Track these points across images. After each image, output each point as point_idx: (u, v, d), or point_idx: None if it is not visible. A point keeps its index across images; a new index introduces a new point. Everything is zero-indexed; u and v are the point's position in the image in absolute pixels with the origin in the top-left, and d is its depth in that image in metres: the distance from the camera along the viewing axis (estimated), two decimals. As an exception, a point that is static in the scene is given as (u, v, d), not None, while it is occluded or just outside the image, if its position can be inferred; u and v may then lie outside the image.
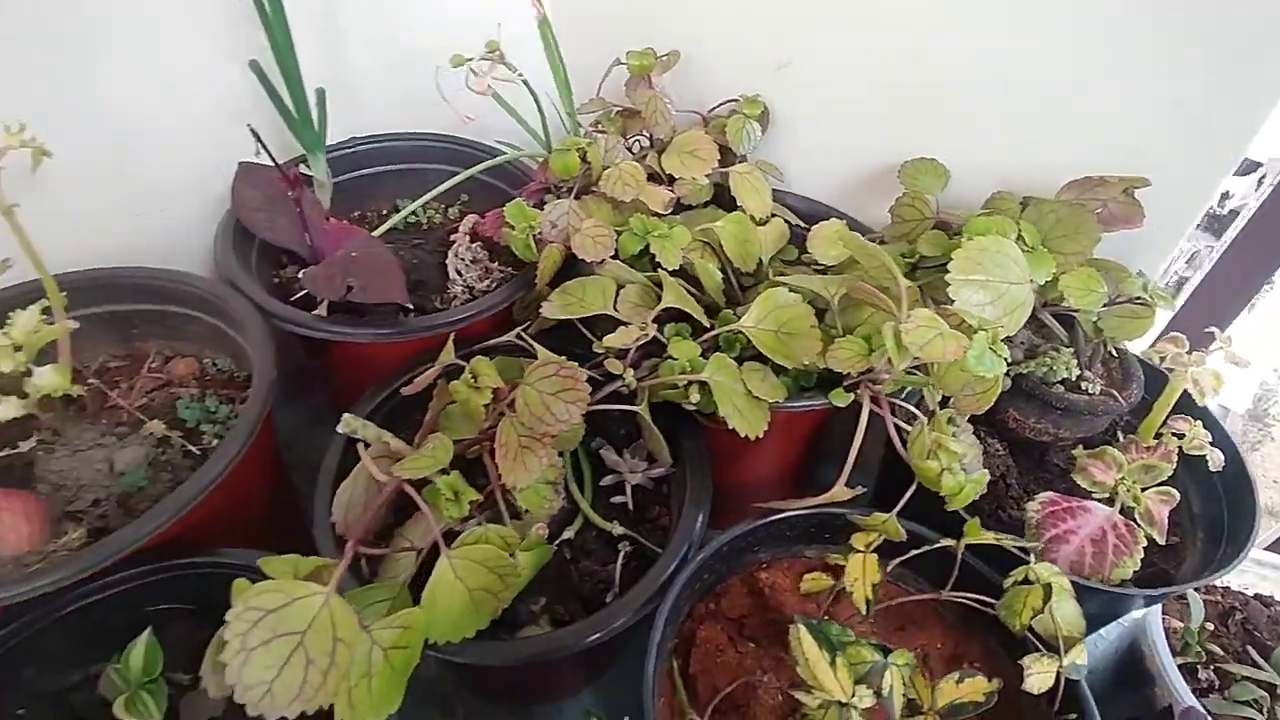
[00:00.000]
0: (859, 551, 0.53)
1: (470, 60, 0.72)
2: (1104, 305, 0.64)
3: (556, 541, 0.63)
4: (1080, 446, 0.65)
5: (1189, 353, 0.64)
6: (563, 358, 0.55)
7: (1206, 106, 0.62)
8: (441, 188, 0.81)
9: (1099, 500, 0.60)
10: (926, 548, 0.54)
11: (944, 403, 0.63)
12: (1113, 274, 0.65)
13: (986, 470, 0.55)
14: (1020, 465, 0.70)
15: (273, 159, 0.66)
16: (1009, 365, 0.63)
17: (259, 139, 0.64)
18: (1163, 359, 0.62)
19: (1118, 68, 0.64)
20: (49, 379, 0.58)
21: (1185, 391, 0.64)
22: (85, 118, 0.69)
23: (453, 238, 0.85)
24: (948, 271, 0.57)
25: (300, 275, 0.70)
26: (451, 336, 0.59)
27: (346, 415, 0.60)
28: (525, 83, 0.76)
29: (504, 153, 0.86)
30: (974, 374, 0.54)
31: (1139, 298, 0.63)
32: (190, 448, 0.67)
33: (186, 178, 0.78)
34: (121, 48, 0.68)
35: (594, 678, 0.75)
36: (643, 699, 0.50)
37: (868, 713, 0.47)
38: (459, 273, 0.83)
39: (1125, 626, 0.75)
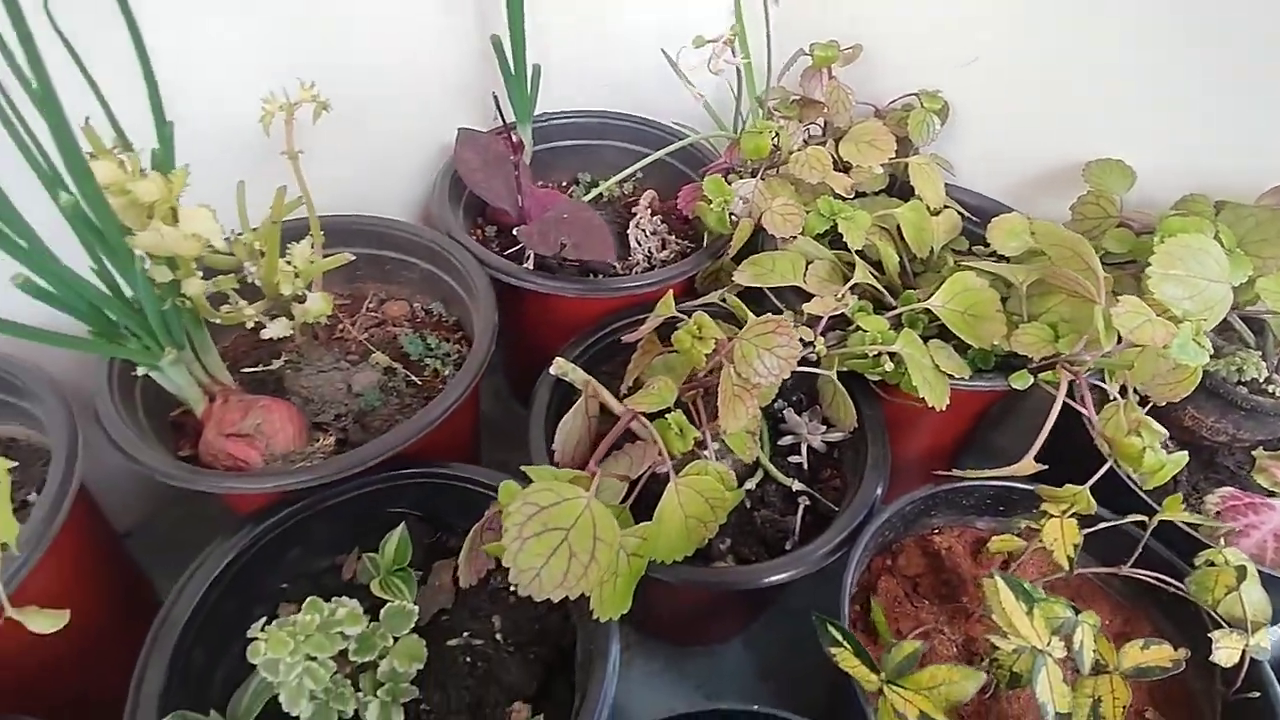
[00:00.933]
0: (1055, 516, 0.56)
1: (711, 41, 0.78)
2: (1297, 311, 0.65)
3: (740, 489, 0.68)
4: (1260, 449, 0.66)
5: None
6: (779, 316, 0.60)
7: None
8: (639, 165, 0.88)
9: (1281, 500, 0.62)
10: (1115, 522, 0.56)
11: (1122, 391, 0.65)
12: (1313, 281, 0.65)
13: (1185, 452, 0.57)
14: (1189, 466, 0.71)
15: (505, 125, 0.73)
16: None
17: (499, 105, 0.71)
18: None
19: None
20: (318, 305, 0.66)
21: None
22: (337, 83, 0.77)
23: (634, 210, 0.91)
24: (1136, 267, 0.59)
25: (516, 231, 0.78)
26: (670, 292, 0.65)
27: (558, 359, 0.66)
28: (738, 68, 0.81)
29: (685, 135, 0.92)
30: (1174, 362, 0.56)
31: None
32: (413, 378, 0.75)
33: (410, 140, 0.87)
34: (372, 20, 0.77)
35: (749, 623, 0.80)
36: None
37: (1058, 664, 0.50)
38: (639, 242, 0.89)
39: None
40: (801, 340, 0.68)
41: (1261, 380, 0.66)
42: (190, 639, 0.54)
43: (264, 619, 0.53)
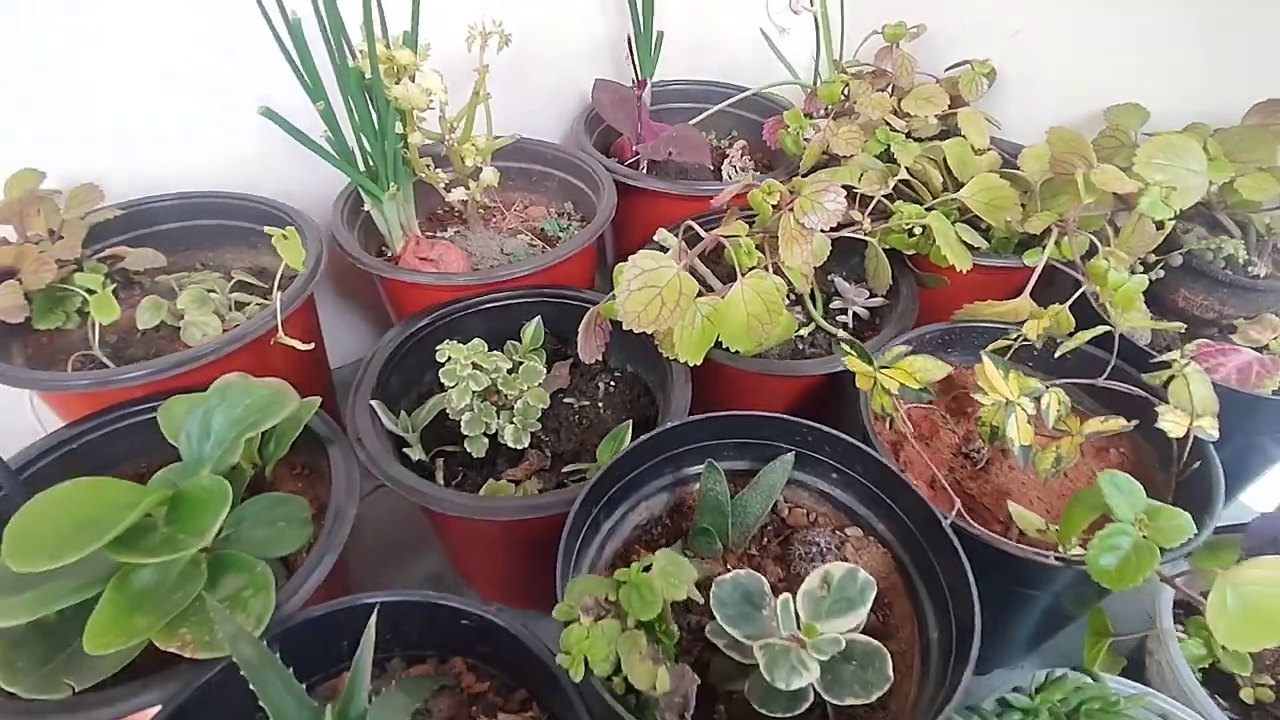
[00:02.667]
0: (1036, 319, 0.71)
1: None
2: (1276, 208, 0.78)
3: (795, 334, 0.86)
4: (1242, 320, 0.78)
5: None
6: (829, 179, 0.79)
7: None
8: (722, 105, 1.10)
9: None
10: (1091, 334, 0.71)
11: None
12: (1286, 181, 0.78)
13: (1146, 276, 0.70)
14: (1180, 337, 0.83)
15: (636, 72, 0.98)
16: (1183, 250, 0.79)
17: (632, 51, 0.96)
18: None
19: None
20: (489, 176, 0.91)
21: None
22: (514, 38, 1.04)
23: (728, 151, 1.13)
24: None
25: (636, 146, 1.01)
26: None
27: (661, 230, 0.87)
28: (815, 18, 1.02)
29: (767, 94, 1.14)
30: (1146, 216, 0.71)
31: (1308, 200, 0.76)
32: (548, 247, 0.98)
33: (556, 89, 1.13)
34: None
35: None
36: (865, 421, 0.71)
37: (1029, 419, 0.65)
38: (730, 176, 1.11)
39: None
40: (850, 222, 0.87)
41: (1241, 262, 0.79)
42: (388, 376, 0.77)
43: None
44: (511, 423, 0.75)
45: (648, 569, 0.51)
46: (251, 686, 0.44)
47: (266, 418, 0.58)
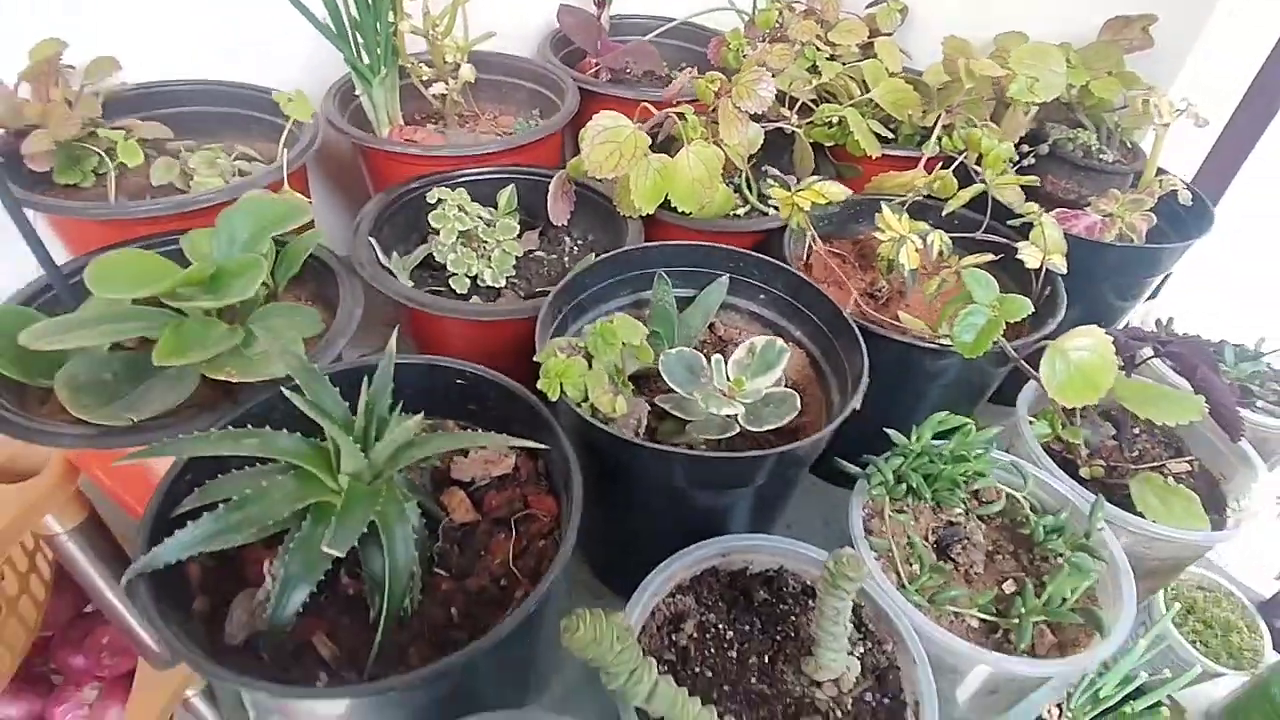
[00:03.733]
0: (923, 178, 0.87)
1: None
2: (1123, 108, 0.96)
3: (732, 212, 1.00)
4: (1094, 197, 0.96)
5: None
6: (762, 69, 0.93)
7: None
8: (672, 23, 1.24)
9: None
10: (969, 193, 0.86)
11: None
12: (1130, 84, 0.96)
13: (1011, 145, 0.87)
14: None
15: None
16: (1049, 142, 0.96)
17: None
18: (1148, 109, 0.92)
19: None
20: (467, 72, 1.02)
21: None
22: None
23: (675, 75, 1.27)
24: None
25: (596, 60, 1.14)
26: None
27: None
28: None
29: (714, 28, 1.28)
30: (1016, 102, 0.87)
31: (1146, 99, 0.94)
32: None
33: (524, 15, 1.25)
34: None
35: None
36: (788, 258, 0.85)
37: (918, 251, 0.80)
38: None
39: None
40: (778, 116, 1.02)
41: (1094, 150, 0.96)
42: (381, 226, 0.88)
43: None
44: (489, 267, 0.87)
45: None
46: (302, 393, 0.55)
47: (288, 220, 0.69)
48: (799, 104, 1.02)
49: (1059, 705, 1.11)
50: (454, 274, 0.84)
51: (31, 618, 0.80)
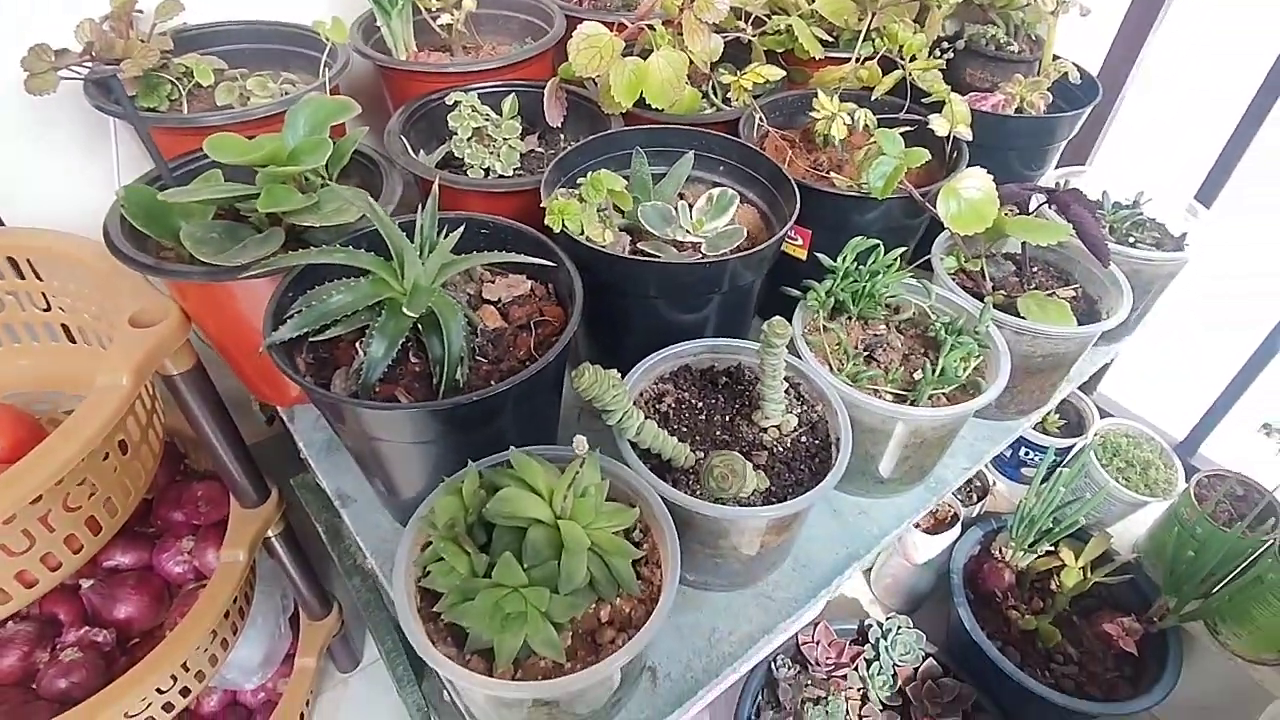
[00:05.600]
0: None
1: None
2: (1026, 5, 1.13)
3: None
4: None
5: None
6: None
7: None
8: None
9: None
10: (891, 79, 1.04)
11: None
12: (1031, -16, 1.13)
13: (924, 35, 1.05)
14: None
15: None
16: (965, 38, 1.13)
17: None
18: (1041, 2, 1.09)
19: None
20: (470, 2, 1.20)
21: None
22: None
23: None
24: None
25: (579, -12, 1.31)
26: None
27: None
28: None
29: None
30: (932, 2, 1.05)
31: (1044, -4, 1.11)
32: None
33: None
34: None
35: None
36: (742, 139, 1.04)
37: (846, 126, 0.99)
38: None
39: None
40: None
41: (1004, 43, 1.14)
42: (407, 132, 1.07)
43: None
44: (499, 160, 1.05)
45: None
46: (376, 227, 0.74)
47: (341, 113, 0.87)
48: (753, 16, 1.19)
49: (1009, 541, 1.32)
50: (470, 166, 1.03)
51: (149, 464, 0.98)
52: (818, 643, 1.46)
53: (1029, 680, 1.29)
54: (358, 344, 0.73)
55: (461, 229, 0.76)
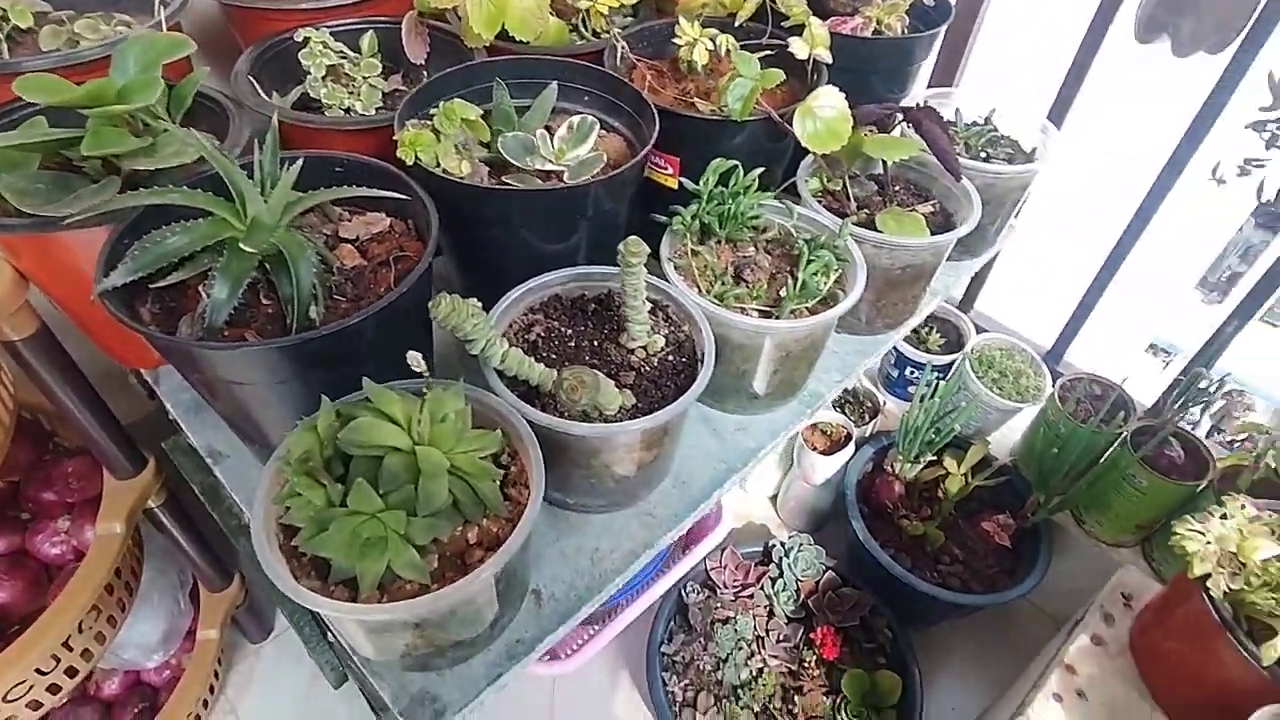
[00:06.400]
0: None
1: None
2: (881, -71, 1.15)
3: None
4: (864, 8, 1.16)
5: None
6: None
7: None
8: None
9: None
10: (752, 5, 1.05)
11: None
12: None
13: None
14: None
15: None
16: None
17: None
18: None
19: None
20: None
21: None
22: None
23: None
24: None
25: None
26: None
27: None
28: None
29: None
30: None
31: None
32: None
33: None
34: None
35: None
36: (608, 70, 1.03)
37: (708, 50, 0.99)
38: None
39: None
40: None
41: (861, -34, 1.16)
42: (257, 73, 1.01)
43: (299, 57, 1.01)
44: (359, 100, 1.02)
45: (450, 106, 0.81)
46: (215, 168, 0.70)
47: (174, 50, 0.82)
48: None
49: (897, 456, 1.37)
50: (328, 106, 0.99)
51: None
52: (725, 567, 1.52)
53: (918, 581, 1.38)
54: (201, 287, 0.71)
55: (300, 163, 0.73)
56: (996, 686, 1.48)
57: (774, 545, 1.55)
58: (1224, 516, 0.81)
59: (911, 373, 1.68)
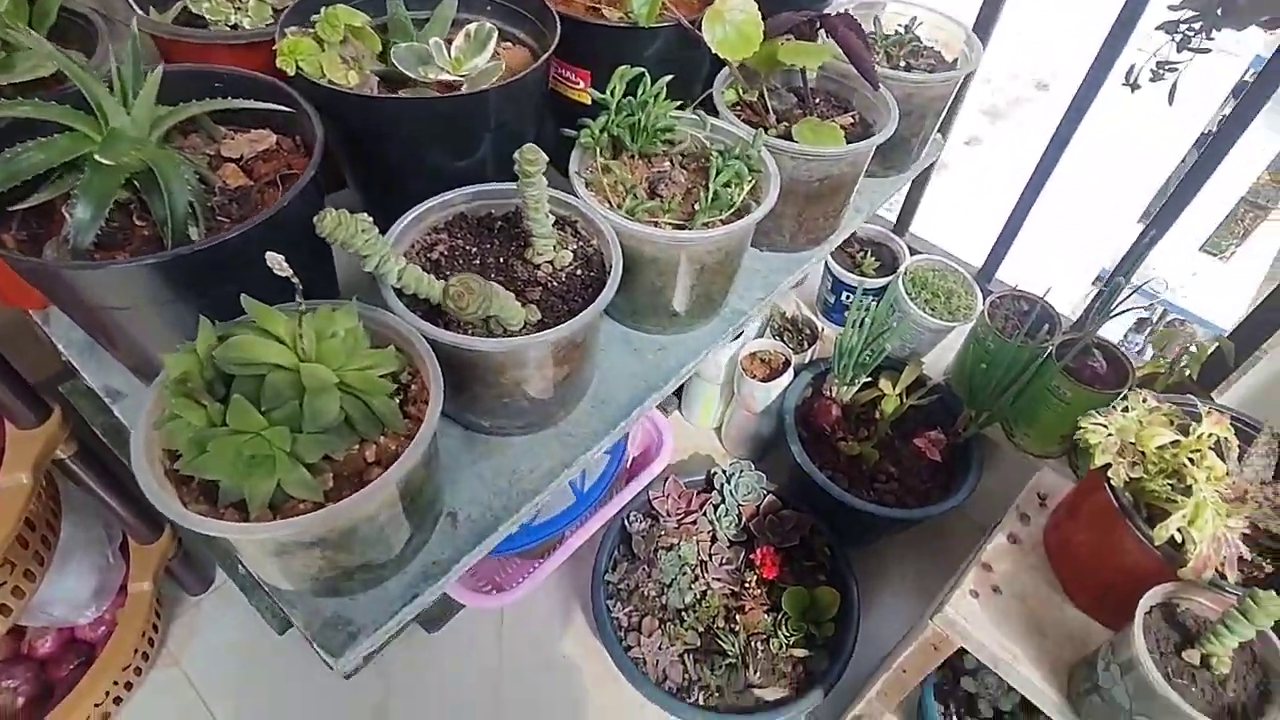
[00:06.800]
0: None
1: None
2: None
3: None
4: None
5: None
6: None
7: None
8: None
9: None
10: None
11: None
12: None
13: None
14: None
15: None
16: None
17: None
18: None
19: None
20: None
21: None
22: None
23: None
24: None
25: None
26: None
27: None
28: None
29: None
30: None
31: None
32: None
33: None
34: None
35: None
36: None
37: None
38: None
39: None
40: None
41: None
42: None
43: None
44: (247, 16, 0.95)
45: (333, 12, 0.77)
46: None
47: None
48: None
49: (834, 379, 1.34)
50: (214, 22, 0.93)
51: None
52: (668, 496, 1.53)
53: (855, 500, 1.41)
54: (64, 208, 0.66)
55: (160, 72, 0.68)
56: (930, 595, 1.54)
57: (715, 473, 1.56)
58: (1126, 410, 0.83)
59: (848, 298, 1.69)
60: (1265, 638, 0.74)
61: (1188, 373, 1.28)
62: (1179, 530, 0.74)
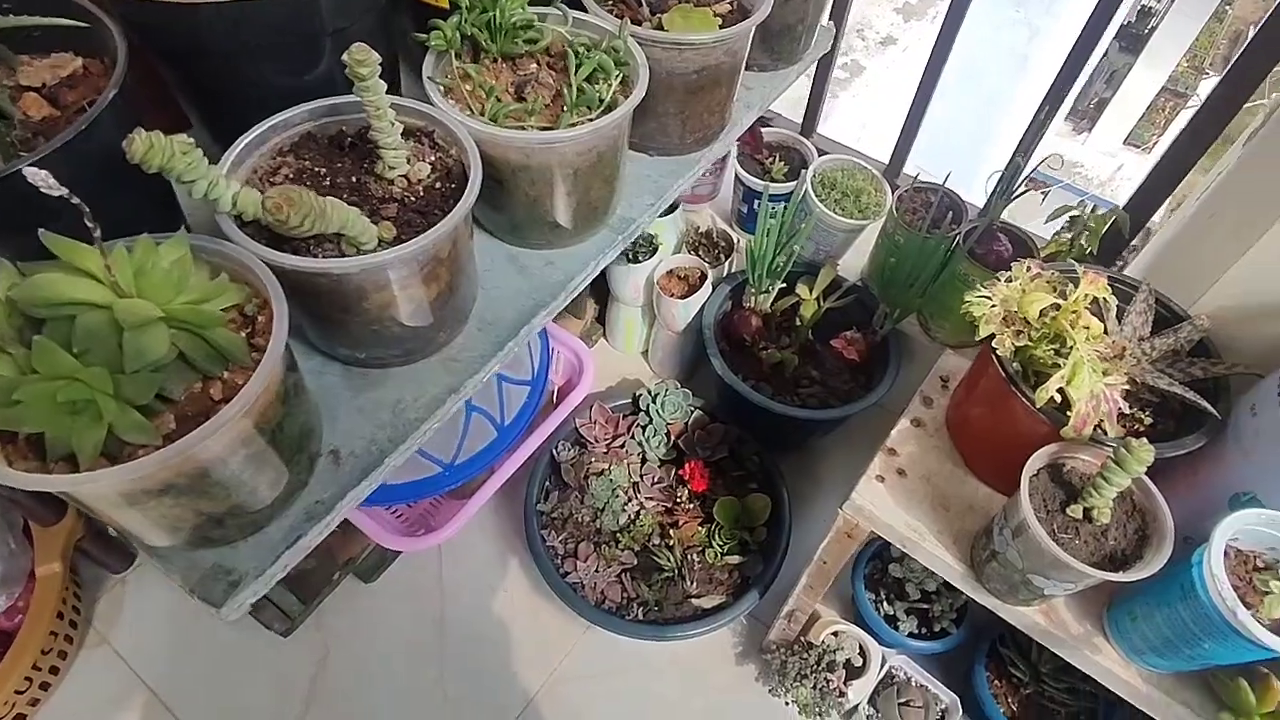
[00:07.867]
0: None
1: None
2: None
3: None
4: None
5: None
6: None
7: None
8: None
9: None
10: None
11: None
12: None
13: None
14: None
15: None
16: None
17: None
18: None
19: None
20: None
21: None
22: None
23: None
24: None
25: None
26: None
27: None
28: None
29: None
30: None
31: None
32: None
33: None
34: None
35: None
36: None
37: None
38: None
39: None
40: None
41: None
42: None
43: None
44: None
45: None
46: None
47: None
48: None
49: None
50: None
51: None
52: (594, 422, 1.52)
53: (778, 406, 1.42)
54: None
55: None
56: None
57: (641, 394, 1.55)
58: (1009, 280, 0.83)
59: (760, 206, 1.67)
60: (1142, 485, 0.76)
61: (1087, 248, 1.30)
62: (1059, 391, 0.76)
